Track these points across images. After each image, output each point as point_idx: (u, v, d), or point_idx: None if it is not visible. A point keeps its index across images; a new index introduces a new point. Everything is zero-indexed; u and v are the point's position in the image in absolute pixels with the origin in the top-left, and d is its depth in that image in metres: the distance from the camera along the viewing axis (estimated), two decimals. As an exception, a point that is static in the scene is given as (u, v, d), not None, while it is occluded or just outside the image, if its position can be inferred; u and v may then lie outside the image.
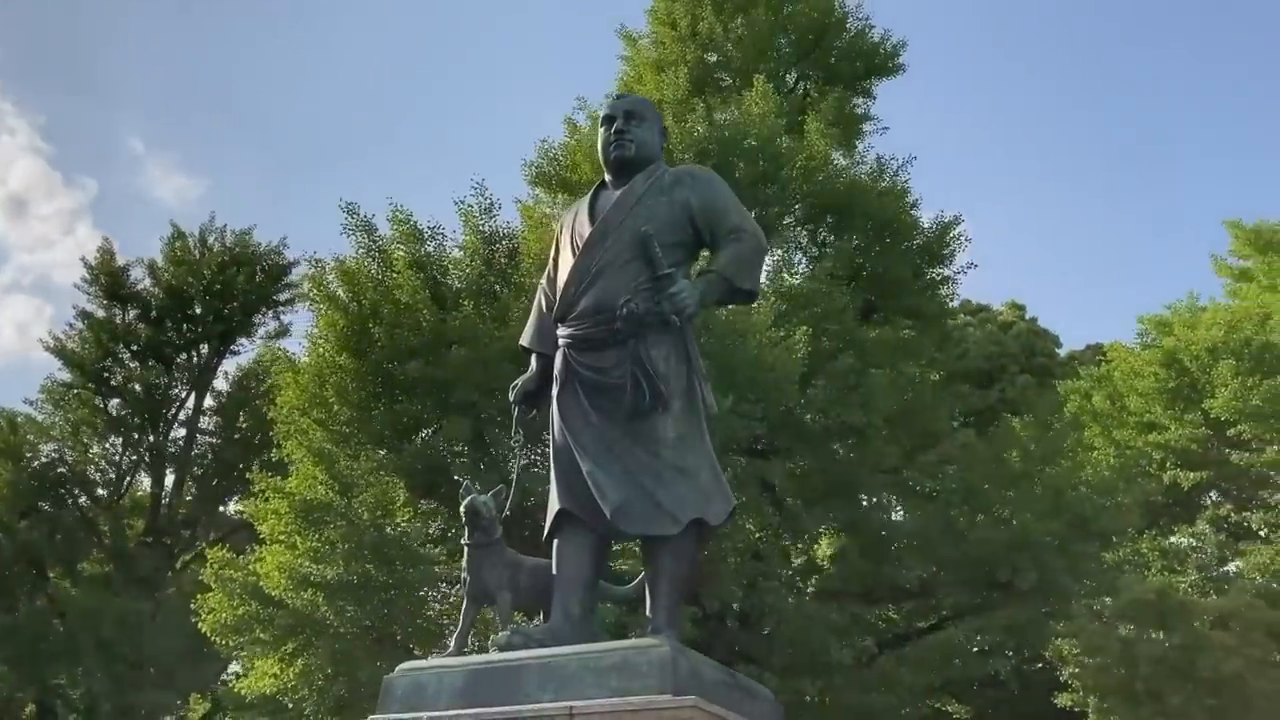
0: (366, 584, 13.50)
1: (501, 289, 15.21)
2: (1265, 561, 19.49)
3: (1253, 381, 20.62)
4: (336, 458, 13.79)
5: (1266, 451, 20.57)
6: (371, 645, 14.01)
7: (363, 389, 14.36)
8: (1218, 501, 22.41)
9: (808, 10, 20.89)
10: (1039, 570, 15.78)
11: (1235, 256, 26.21)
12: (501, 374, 14.04)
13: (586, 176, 18.21)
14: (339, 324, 14.56)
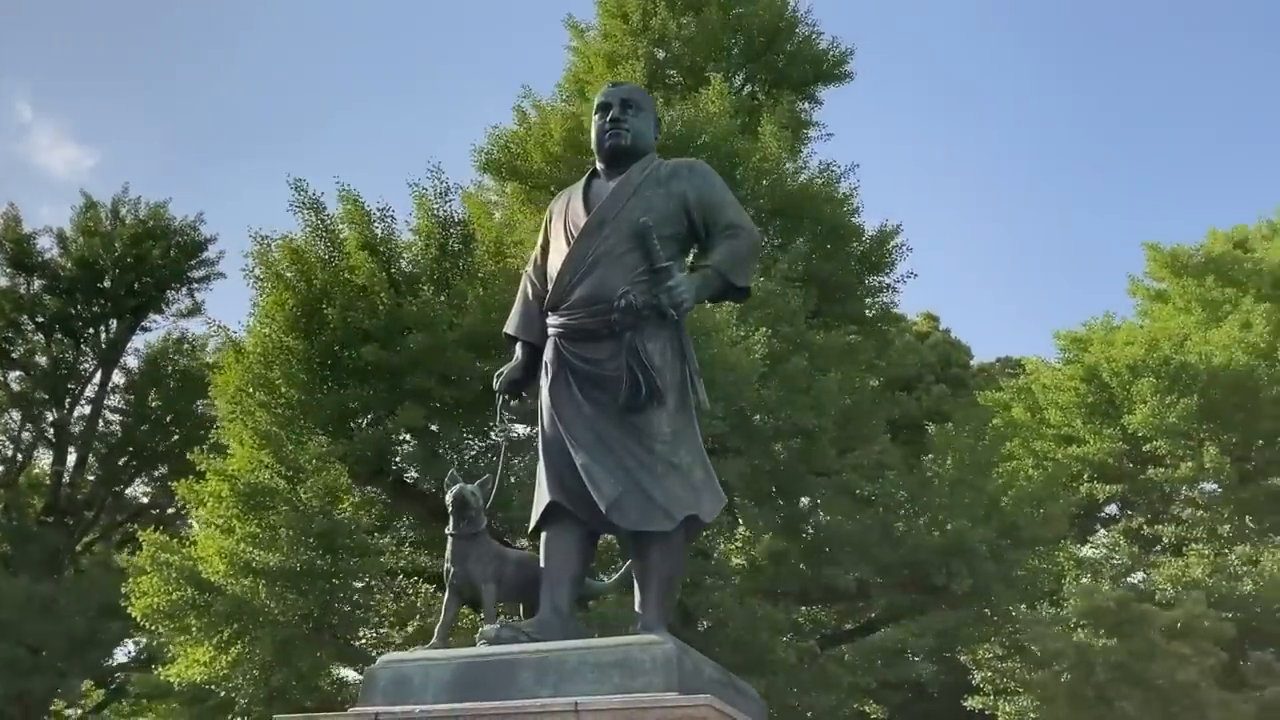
0: (309, 572, 13.14)
1: (455, 276, 14.97)
2: (1175, 573, 20.21)
3: (1170, 400, 21.39)
4: (282, 441, 13.39)
5: (1180, 468, 21.33)
6: (310, 635, 13.65)
7: (310, 372, 13.99)
8: (1129, 514, 23.18)
9: (760, 12, 21.00)
10: (973, 576, 16.12)
11: (1151, 278, 27.15)
12: (458, 362, 13.87)
13: (537, 165, 18.08)
14: (288, 303, 14.15)
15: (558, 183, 18.03)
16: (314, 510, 12.71)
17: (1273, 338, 22.04)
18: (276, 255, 14.81)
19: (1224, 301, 23.84)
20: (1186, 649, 12.40)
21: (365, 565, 13.05)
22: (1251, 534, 20.59)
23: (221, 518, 13.64)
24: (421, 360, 13.52)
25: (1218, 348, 21.95)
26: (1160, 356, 22.01)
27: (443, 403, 13.58)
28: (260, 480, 13.31)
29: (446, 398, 13.49)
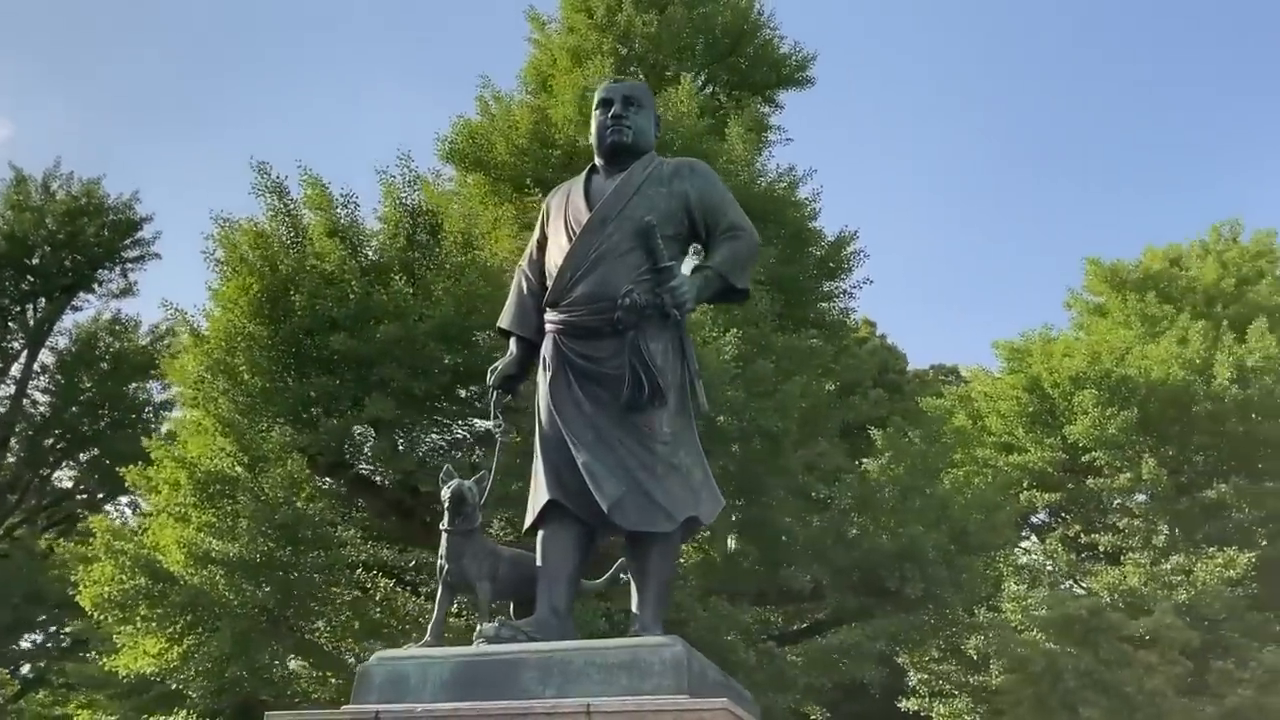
0: (269, 563, 12.88)
1: (422, 266, 14.77)
2: (1113, 581, 20.72)
3: (1110, 412, 21.92)
4: (245, 429, 13.09)
5: (1119, 479, 21.86)
6: (268, 628, 13.38)
7: (274, 359, 13.70)
8: (1065, 521, 23.71)
9: (724, 13, 21.05)
10: (924, 580, 16.36)
11: (1090, 292, 27.80)
12: (428, 354, 13.70)
13: (501, 157, 17.92)
14: (252, 289, 13.84)
15: (521, 175, 17.93)
16: (278, 500, 12.44)
17: (1208, 354, 22.67)
18: (239, 239, 14.49)
19: (1162, 317, 24.48)
20: (1154, 657, 12.72)
21: (330, 558, 12.80)
22: (1185, 545, 21.15)
23: (179, 505, 13.31)
24: (391, 351, 13.31)
25: (1156, 362, 22.52)
26: (1102, 369, 22.54)
27: (412, 395, 13.35)
28: (221, 468, 13.00)
29: (416, 390, 13.28)
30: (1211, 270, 26.14)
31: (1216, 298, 25.32)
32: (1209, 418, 22.05)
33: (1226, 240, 28.49)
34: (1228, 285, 25.70)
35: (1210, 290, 25.48)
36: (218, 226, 14.77)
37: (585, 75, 18.23)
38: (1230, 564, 19.74)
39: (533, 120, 17.94)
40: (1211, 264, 26.42)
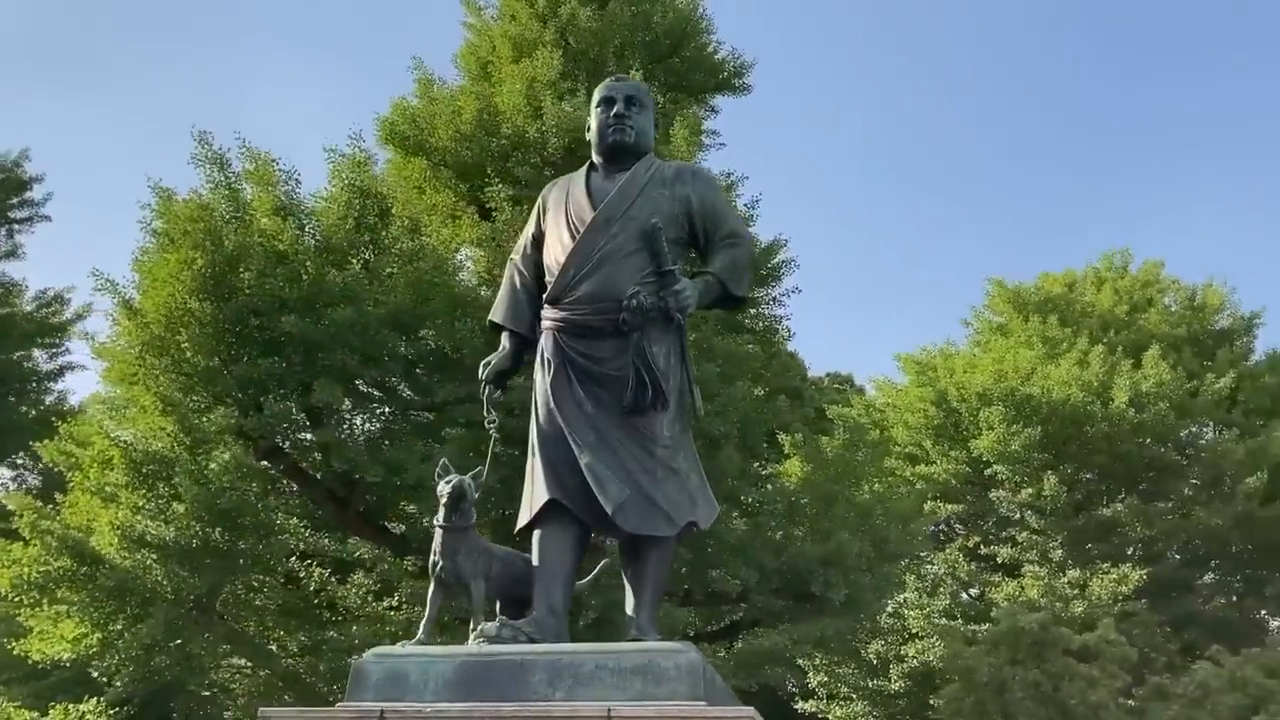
0: (204, 549, 12.42)
1: (371, 250, 14.43)
2: (1012, 592, 21.48)
3: (1015, 429, 22.72)
4: (186, 410, 12.57)
5: (1021, 493, 22.66)
6: (199, 616, 12.90)
7: (218, 339, 13.20)
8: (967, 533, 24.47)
9: (668, 15, 21.06)
10: (848, 586, 16.68)
11: (992, 311, 28.74)
12: (381, 340, 13.38)
13: (443, 142, 17.62)
14: (197, 263, 13.29)
15: (464, 162, 17.65)
16: (222, 485, 11.98)
17: (1106, 378, 23.66)
18: (181, 210, 13.91)
19: (1061, 340, 25.45)
20: (1096, 671, 13.22)
21: (272, 546, 12.39)
22: (1080, 560, 22.04)
23: (110, 485, 12.71)
24: (342, 336, 12.95)
25: (1057, 383, 23.41)
26: (1008, 387, 23.32)
27: (363, 382, 13.02)
28: (159, 449, 12.46)
29: (367, 377, 12.95)
30: (1107, 297, 27.28)
31: (1111, 323, 26.44)
32: (1105, 439, 23.03)
33: (1118, 268, 29.78)
34: (1121, 312, 26.87)
35: (1105, 316, 26.61)
36: (157, 196, 14.19)
37: (533, 66, 18.07)
38: (1123, 580, 20.67)
39: (478, 108, 17.68)
40: (1108, 291, 27.57)
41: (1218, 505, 21.86)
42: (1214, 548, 22.79)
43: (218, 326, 13.14)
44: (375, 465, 13.04)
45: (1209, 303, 27.65)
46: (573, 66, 19.36)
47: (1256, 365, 26.18)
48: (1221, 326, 27.27)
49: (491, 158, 17.48)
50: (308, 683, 13.41)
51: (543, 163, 17.13)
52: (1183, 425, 23.77)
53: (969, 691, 13.49)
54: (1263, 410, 24.65)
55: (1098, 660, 13.45)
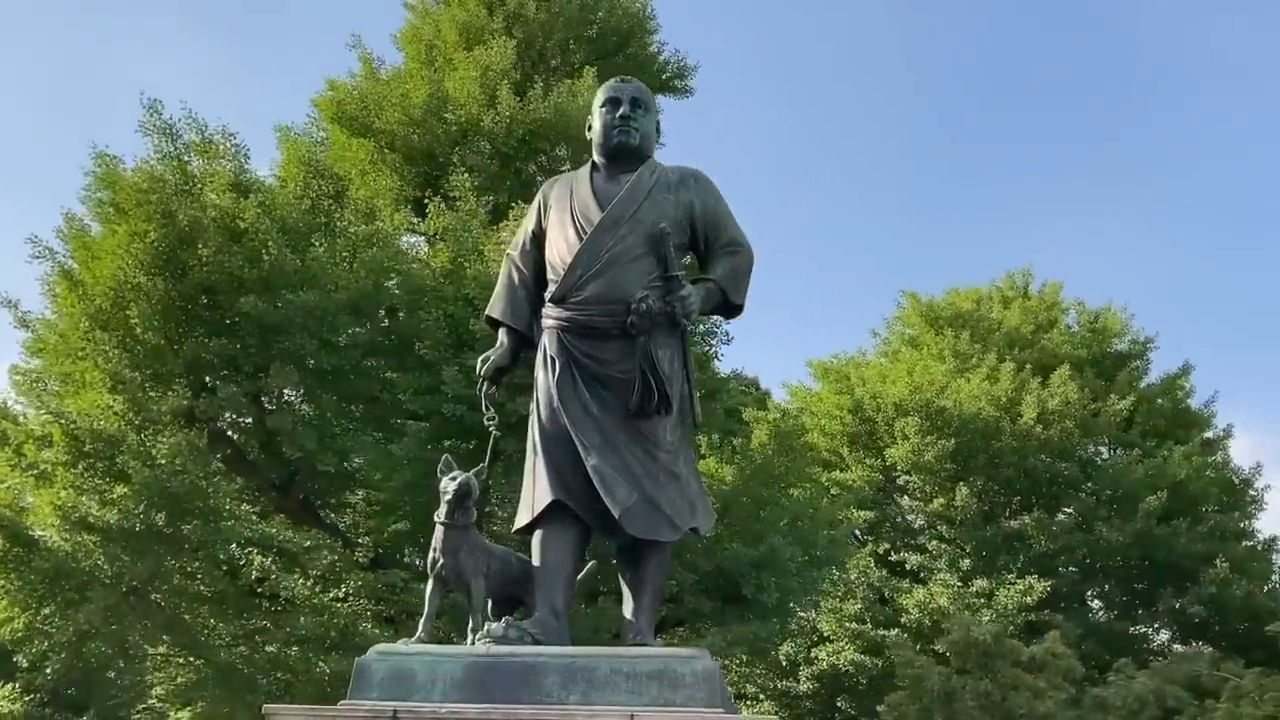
0: (149, 533, 11.96)
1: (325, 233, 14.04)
2: (921, 599, 22.06)
3: (930, 440, 23.32)
4: (136, 389, 12.06)
5: (933, 503, 23.26)
6: (137, 603, 12.42)
7: (169, 316, 12.71)
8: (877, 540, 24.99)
9: (616, 12, 21.01)
10: (779, 590, 16.90)
11: (903, 323, 29.40)
12: (340, 326, 13.05)
13: (389, 125, 17.27)
14: (150, 236, 12.76)
15: (412, 147, 17.33)
16: (174, 468, 11.54)
17: (1015, 394, 24.44)
18: (131, 180, 13.34)
19: (971, 355, 26.18)
20: (1042, 683, 13.63)
21: (221, 533, 11.97)
22: (987, 570, 22.73)
23: (46, 463, 12.13)
24: (302, 319, 12.59)
25: (968, 397, 24.10)
26: (923, 399, 23.92)
27: (320, 369, 12.68)
28: (106, 428, 11.93)
29: (325, 363, 12.62)
30: (1015, 315, 28.15)
31: (1017, 341, 27.28)
32: (1013, 453, 23.79)
33: (1019, 288, 30.72)
34: (1026, 330, 27.75)
35: (1012, 334, 27.44)
36: (98, 164, 13.58)
37: (487, 54, 17.84)
38: (1028, 591, 21.41)
39: (429, 93, 17.38)
40: (1016, 309, 28.45)
41: (1117, 522, 22.77)
42: (1112, 563, 23.73)
43: (169, 304, 12.65)
44: (328, 454, 12.72)
45: (1109, 326, 28.73)
46: (520, 59, 19.18)
47: (1151, 388, 27.31)
48: (1120, 349, 28.35)
49: (440, 144, 17.21)
50: (245, 674, 13.02)
51: (494, 151, 16.94)
52: (1086, 443, 24.67)
53: (915, 699, 13.81)
54: (1158, 431, 25.73)
55: (1044, 672, 13.92)
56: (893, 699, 14.64)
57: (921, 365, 25.71)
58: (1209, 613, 22.05)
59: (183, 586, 13.03)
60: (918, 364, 26.02)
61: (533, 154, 17.11)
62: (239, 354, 12.70)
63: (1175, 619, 22.59)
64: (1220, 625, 21.83)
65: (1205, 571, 22.15)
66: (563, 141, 16.97)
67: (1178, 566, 22.69)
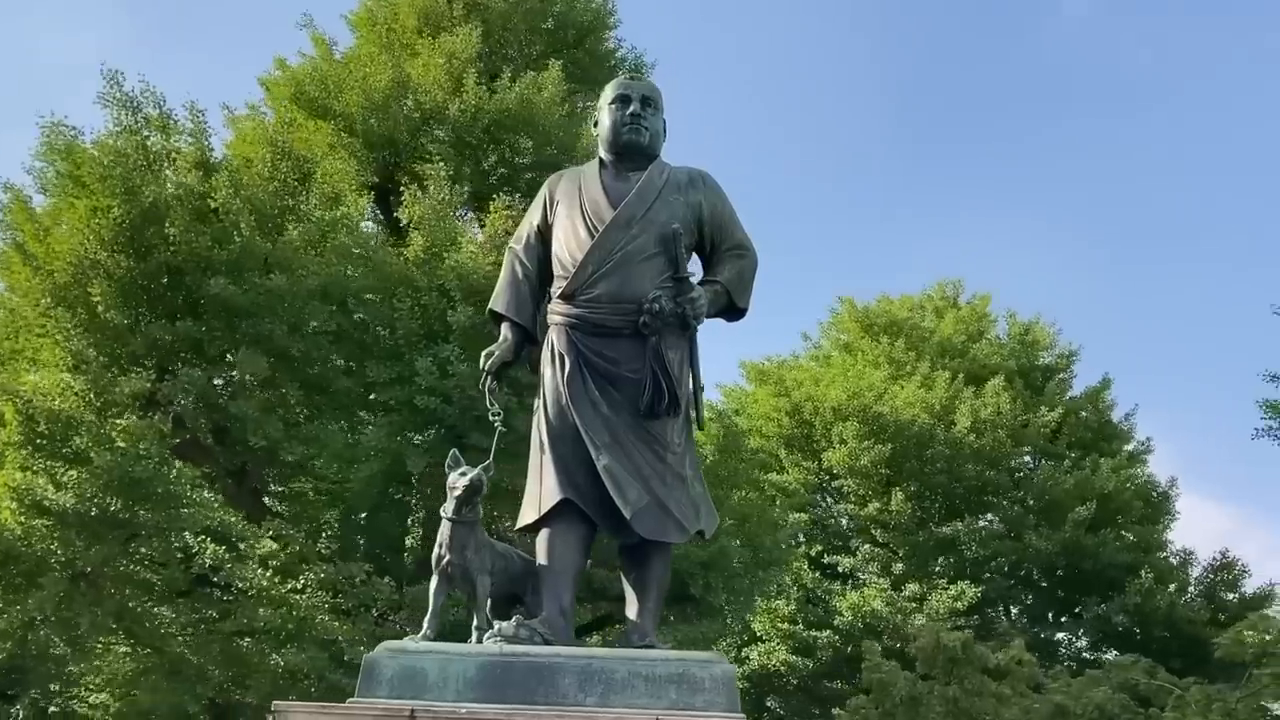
0: (105, 518, 11.60)
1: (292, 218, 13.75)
2: (855, 602, 22.39)
3: (867, 445, 23.67)
4: (98, 370, 11.67)
5: (868, 507, 23.61)
6: (88, 590, 12.03)
7: (129, 296, 12.32)
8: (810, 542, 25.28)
9: (576, 4, 20.89)
10: (727, 590, 17.02)
11: (837, 329, 29.76)
12: (310, 313, 12.78)
13: (351, 107, 16.95)
14: (113, 212, 12.35)
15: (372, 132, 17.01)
16: (137, 452, 11.20)
17: (949, 402, 24.93)
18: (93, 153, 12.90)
19: (906, 362, 26.62)
20: (1007, 689, 13.88)
21: (181, 520, 11.64)
22: (920, 575, 23.16)
23: (1, 444, 11.69)
24: (271, 304, 12.30)
25: (904, 404, 24.52)
26: (862, 404, 24.26)
27: (287, 355, 12.40)
28: (65, 408, 11.52)
29: (294, 350, 12.34)
30: (948, 325, 28.71)
31: (949, 350, 27.81)
32: (946, 460, 24.25)
33: (949, 297, 31.32)
34: (958, 340, 28.30)
35: (944, 343, 27.97)
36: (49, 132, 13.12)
37: (453, 41, 17.61)
38: (959, 596, 21.87)
39: (392, 78, 17.10)
40: (949, 319, 29.00)
41: (1046, 531, 23.36)
42: (1040, 570, 24.35)
43: (130, 283, 12.25)
44: (293, 442, 12.45)
45: (1037, 338, 29.44)
46: (484, 48, 18.96)
47: (1075, 400, 28.03)
48: (1047, 362, 29.06)
49: (401, 130, 16.95)
50: (196, 664, 12.69)
51: (456, 140, 16.74)
52: (1016, 453, 25.26)
53: (878, 703, 14.02)
54: (1084, 443, 26.45)
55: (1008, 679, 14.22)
56: (855, 703, 14.84)
57: (855, 370, 26.10)
58: (1132, 621, 22.75)
59: (132, 574, 12.66)
60: (851, 368, 26.40)
61: (495, 145, 16.95)
62: (203, 337, 12.34)
63: (1099, 627, 23.25)
64: (1141, 633, 22.52)
65: (1130, 581, 22.82)
66: (525, 134, 16.82)
67: (1103, 576, 23.36)
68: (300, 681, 12.66)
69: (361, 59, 17.83)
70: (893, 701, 13.47)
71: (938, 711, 13.04)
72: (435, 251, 13.17)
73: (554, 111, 17.16)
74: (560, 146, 17.14)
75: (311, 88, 17.10)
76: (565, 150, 17.26)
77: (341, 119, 17.00)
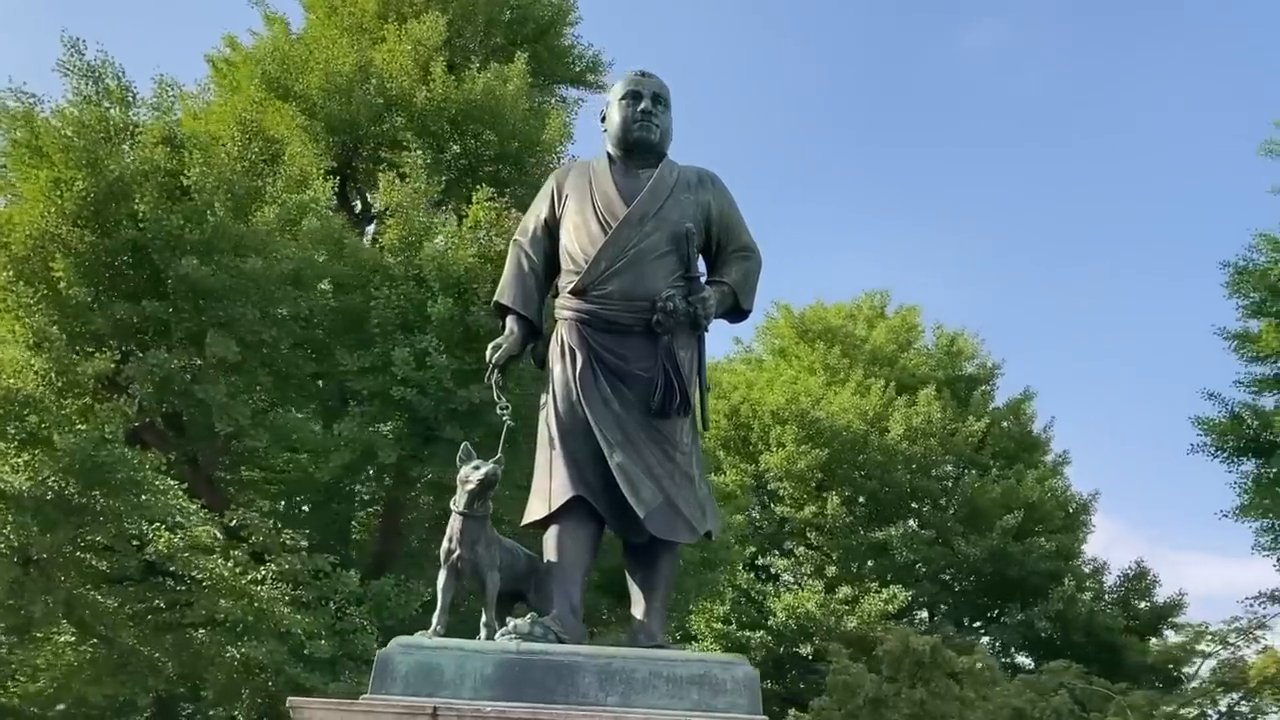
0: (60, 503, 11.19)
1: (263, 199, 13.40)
2: (790, 603, 22.63)
3: (805, 449, 23.94)
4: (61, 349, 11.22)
5: (804, 510, 23.88)
6: (39, 578, 11.58)
7: (92, 274, 11.90)
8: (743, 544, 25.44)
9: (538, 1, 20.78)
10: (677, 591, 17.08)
11: (772, 334, 30.03)
12: (282, 297, 12.48)
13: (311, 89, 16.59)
14: (77, 184, 11.91)
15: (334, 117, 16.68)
16: (103, 436, 10.81)
17: (883, 409, 25.36)
18: (54, 124, 12.43)
19: (840, 369, 27.00)
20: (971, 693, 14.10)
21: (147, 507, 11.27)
22: (851, 578, 23.52)
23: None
24: (243, 287, 11.98)
25: (839, 410, 24.88)
26: (799, 409, 24.55)
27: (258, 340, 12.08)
28: (25, 388, 11.06)
29: (265, 335, 12.03)
30: (880, 334, 29.20)
31: (880, 359, 28.28)
32: (879, 466, 24.66)
33: (877, 307, 31.82)
34: (889, 349, 28.80)
35: (876, 352, 28.43)
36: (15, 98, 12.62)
37: (420, 28, 17.36)
38: (891, 600, 22.25)
39: (356, 62, 16.79)
40: (881, 328, 29.50)
41: (974, 537, 23.90)
42: (968, 576, 24.90)
43: (95, 259, 11.82)
44: (260, 431, 12.14)
45: (962, 349, 30.09)
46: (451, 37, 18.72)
47: (998, 411, 28.72)
48: (971, 372, 29.73)
49: (363, 116, 16.65)
50: (146, 656, 12.32)
51: (423, 129, 16.49)
52: (945, 460, 25.78)
53: (841, 704, 14.18)
54: (1007, 453, 27.13)
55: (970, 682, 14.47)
56: (817, 705, 14.99)
57: (790, 375, 26.39)
58: (1053, 627, 23.39)
59: (84, 561, 12.23)
60: (785, 372, 26.69)
61: (460, 135, 16.74)
62: (170, 319, 11.95)
63: (1022, 632, 23.86)
64: (1061, 640, 23.17)
65: (1053, 589, 23.47)
66: (490, 126, 16.63)
67: (1026, 583, 23.98)
68: (256, 675, 12.39)
69: (322, 41, 17.48)
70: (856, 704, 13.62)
71: (904, 714, 13.25)
72: (411, 240, 12.95)
73: (519, 105, 17.02)
74: (524, 140, 17.00)
75: (273, 67, 16.70)
76: (528, 145, 17.14)
77: (302, 100, 16.65)
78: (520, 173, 17.01)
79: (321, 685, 11.86)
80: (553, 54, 21.21)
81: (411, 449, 12.31)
